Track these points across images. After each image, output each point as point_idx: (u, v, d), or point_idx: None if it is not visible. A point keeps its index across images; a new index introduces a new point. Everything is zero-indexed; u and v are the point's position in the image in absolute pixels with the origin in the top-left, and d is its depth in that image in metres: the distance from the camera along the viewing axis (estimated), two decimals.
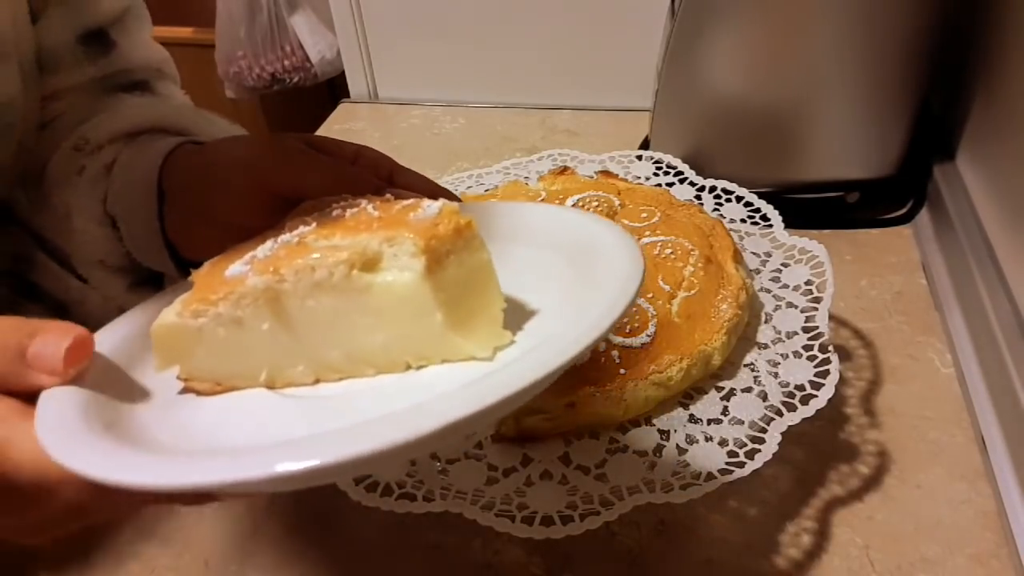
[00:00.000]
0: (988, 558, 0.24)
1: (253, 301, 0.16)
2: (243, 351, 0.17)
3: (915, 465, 0.27)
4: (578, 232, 0.20)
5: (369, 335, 0.17)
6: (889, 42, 0.34)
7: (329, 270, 0.16)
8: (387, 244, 0.16)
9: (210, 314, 0.16)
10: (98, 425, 0.15)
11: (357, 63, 0.56)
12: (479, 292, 0.17)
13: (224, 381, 0.17)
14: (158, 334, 0.17)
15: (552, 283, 0.19)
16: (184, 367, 0.17)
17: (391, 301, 0.16)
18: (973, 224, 0.34)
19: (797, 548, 0.24)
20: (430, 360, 0.17)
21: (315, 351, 0.17)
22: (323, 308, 0.16)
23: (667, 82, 0.39)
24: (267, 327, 0.16)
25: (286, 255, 0.17)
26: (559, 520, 0.22)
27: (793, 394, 0.24)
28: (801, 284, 0.29)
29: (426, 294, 0.16)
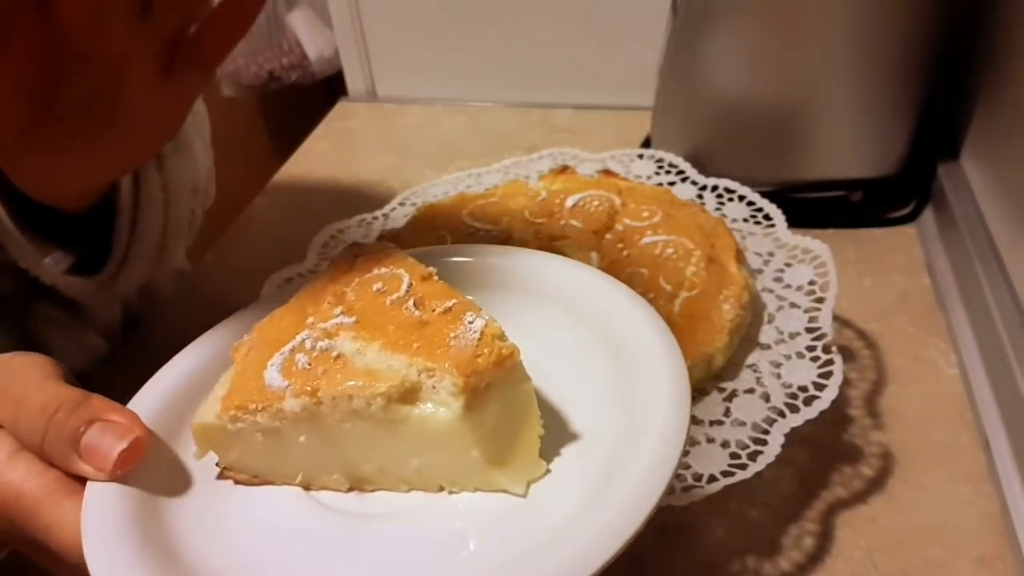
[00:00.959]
0: (993, 560, 0.23)
1: (292, 419, 0.17)
2: (280, 456, 0.17)
3: (919, 467, 0.26)
4: (623, 323, 0.19)
5: (403, 458, 0.17)
6: (892, 40, 0.34)
7: (367, 401, 0.16)
8: (427, 375, 0.16)
9: (248, 421, 0.17)
10: (139, 540, 0.15)
11: (355, 61, 0.56)
12: (517, 421, 0.17)
13: (261, 476, 0.18)
14: (197, 431, 0.18)
15: (594, 389, 0.18)
16: (223, 458, 0.18)
17: (427, 434, 0.16)
18: (977, 223, 0.33)
19: (800, 551, 0.24)
20: (463, 487, 0.17)
21: (350, 464, 0.17)
22: (359, 430, 0.17)
23: (669, 80, 0.39)
24: (304, 440, 0.17)
25: (324, 374, 0.17)
26: None
27: (796, 395, 0.24)
28: (804, 284, 0.28)
29: (464, 433, 0.16)
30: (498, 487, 0.17)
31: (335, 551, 0.16)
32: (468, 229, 0.32)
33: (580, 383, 0.19)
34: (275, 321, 0.19)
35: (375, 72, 0.56)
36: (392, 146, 0.51)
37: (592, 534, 0.14)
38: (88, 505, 0.16)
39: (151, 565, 0.15)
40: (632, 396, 0.17)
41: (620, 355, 0.19)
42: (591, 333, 0.20)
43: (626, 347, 0.19)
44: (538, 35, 0.51)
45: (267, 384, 0.17)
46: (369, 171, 0.48)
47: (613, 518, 0.14)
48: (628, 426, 0.17)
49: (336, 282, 0.19)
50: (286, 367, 0.17)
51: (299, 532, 0.17)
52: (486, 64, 0.53)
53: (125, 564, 0.15)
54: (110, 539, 0.15)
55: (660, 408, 0.17)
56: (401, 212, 0.36)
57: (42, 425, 0.16)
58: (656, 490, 0.15)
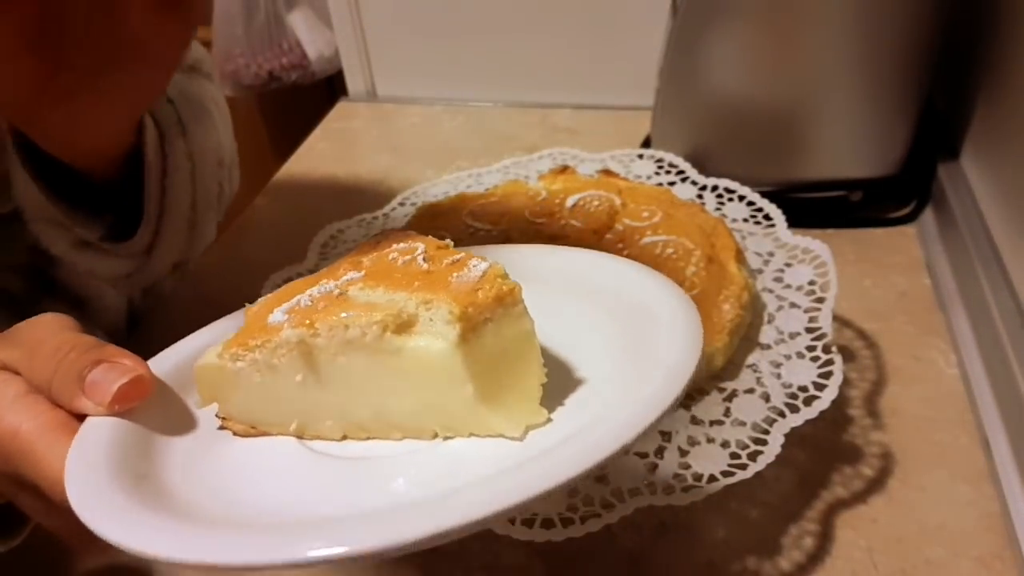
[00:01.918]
0: (992, 560, 0.23)
1: (288, 352, 0.16)
2: (276, 399, 0.17)
3: (919, 467, 0.26)
4: (632, 290, 0.19)
5: (398, 398, 0.17)
6: (892, 39, 0.34)
7: (362, 330, 0.16)
8: (424, 307, 0.16)
9: (247, 359, 0.17)
10: (128, 478, 0.15)
11: (355, 61, 0.56)
12: (517, 364, 0.16)
13: (258, 425, 0.18)
14: (200, 373, 0.18)
15: (601, 348, 0.18)
16: (223, 406, 0.18)
17: (421, 367, 0.16)
18: (977, 223, 0.33)
19: (800, 550, 0.24)
20: (457, 432, 0.17)
21: (344, 407, 0.17)
22: (354, 366, 0.16)
23: (669, 80, 0.39)
24: (300, 379, 0.17)
25: (325, 308, 0.17)
26: (560, 522, 0.21)
27: (796, 395, 0.24)
28: (804, 284, 0.28)
29: (457, 364, 0.15)
30: (493, 431, 0.16)
31: (317, 488, 0.16)
32: (468, 229, 0.32)
33: (589, 344, 0.18)
34: (291, 286, 0.19)
35: (375, 72, 0.56)
36: (392, 146, 0.51)
37: (573, 449, 0.14)
38: (80, 435, 0.16)
39: (129, 491, 0.15)
40: (642, 353, 0.17)
41: (635, 318, 0.18)
42: (602, 305, 0.19)
43: (645, 319, 0.18)
44: (538, 35, 0.51)
45: (269, 323, 0.17)
46: (369, 171, 0.48)
47: (600, 438, 0.14)
48: (635, 376, 0.16)
49: (355, 256, 0.19)
50: (291, 309, 0.17)
51: (285, 471, 0.17)
52: (486, 64, 0.53)
53: (101, 489, 0.15)
54: (93, 466, 0.15)
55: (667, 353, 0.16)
56: (401, 212, 0.36)
57: (52, 365, 0.16)
58: (656, 409, 0.14)
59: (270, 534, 0.14)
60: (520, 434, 0.16)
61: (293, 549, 0.13)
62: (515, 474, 0.14)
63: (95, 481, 0.15)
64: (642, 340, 0.17)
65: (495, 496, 0.13)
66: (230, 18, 0.76)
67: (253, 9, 0.76)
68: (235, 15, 0.76)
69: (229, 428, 0.18)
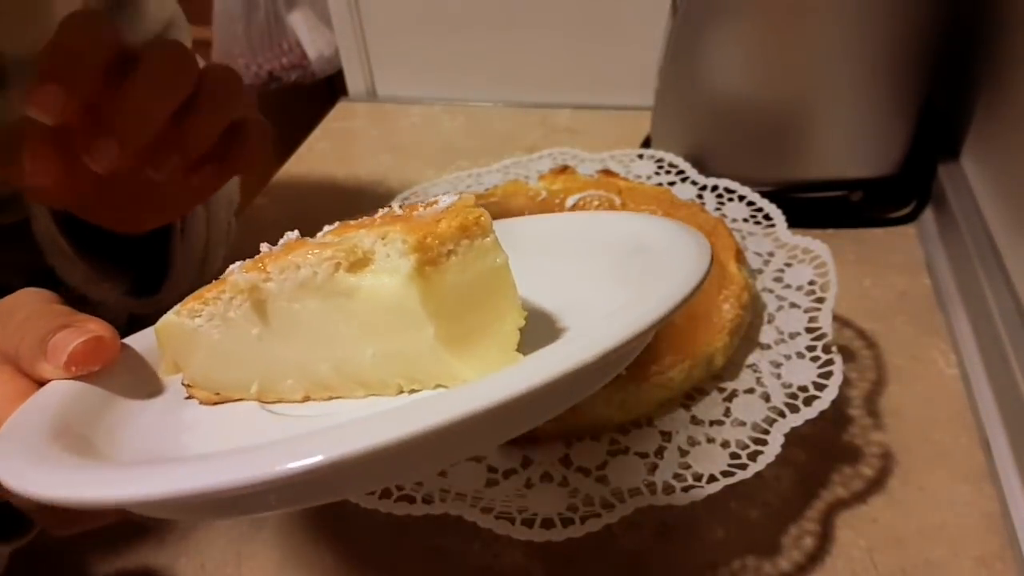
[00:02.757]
0: (992, 560, 0.23)
1: (242, 302, 0.15)
2: (236, 358, 0.16)
3: (919, 467, 0.26)
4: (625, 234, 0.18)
5: (357, 348, 0.15)
6: (892, 39, 0.34)
7: (313, 269, 0.14)
8: (380, 242, 0.14)
9: (204, 314, 0.16)
10: (69, 439, 0.14)
11: (355, 61, 0.55)
12: (488, 304, 0.14)
13: (222, 390, 0.17)
14: (160, 332, 0.16)
15: (593, 292, 0.16)
16: (187, 371, 0.17)
17: (377, 308, 0.14)
18: (977, 223, 0.33)
19: (799, 551, 0.24)
20: (423, 383, 0.15)
21: (303, 363, 0.16)
22: (309, 312, 0.15)
23: (668, 80, 0.39)
24: (256, 332, 0.15)
25: (282, 252, 0.15)
26: (560, 522, 0.21)
27: (796, 395, 0.24)
28: (804, 284, 0.28)
29: (413, 302, 0.13)
30: (461, 380, 0.14)
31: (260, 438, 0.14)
32: None
33: (585, 298, 0.16)
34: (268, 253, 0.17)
35: (375, 72, 0.56)
36: (392, 146, 0.51)
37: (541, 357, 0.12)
38: (32, 398, 0.15)
39: (60, 449, 0.13)
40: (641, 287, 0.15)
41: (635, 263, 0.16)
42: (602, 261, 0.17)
43: (645, 255, 0.16)
44: (538, 35, 0.51)
45: (225, 277, 0.16)
46: (369, 171, 0.48)
47: (570, 348, 0.12)
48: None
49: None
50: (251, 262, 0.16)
51: (234, 432, 0.15)
52: (486, 64, 0.53)
53: (27, 444, 0.13)
54: (29, 425, 0.14)
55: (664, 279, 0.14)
56: None
57: (21, 334, 0.16)
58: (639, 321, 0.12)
59: (188, 464, 0.12)
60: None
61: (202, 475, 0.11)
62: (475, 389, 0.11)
63: (24, 438, 0.13)
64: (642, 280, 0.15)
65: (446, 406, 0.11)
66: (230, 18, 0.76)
67: (253, 9, 0.76)
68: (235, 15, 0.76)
69: (195, 396, 0.17)
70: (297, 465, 0.11)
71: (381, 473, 0.13)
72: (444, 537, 0.25)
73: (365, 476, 0.13)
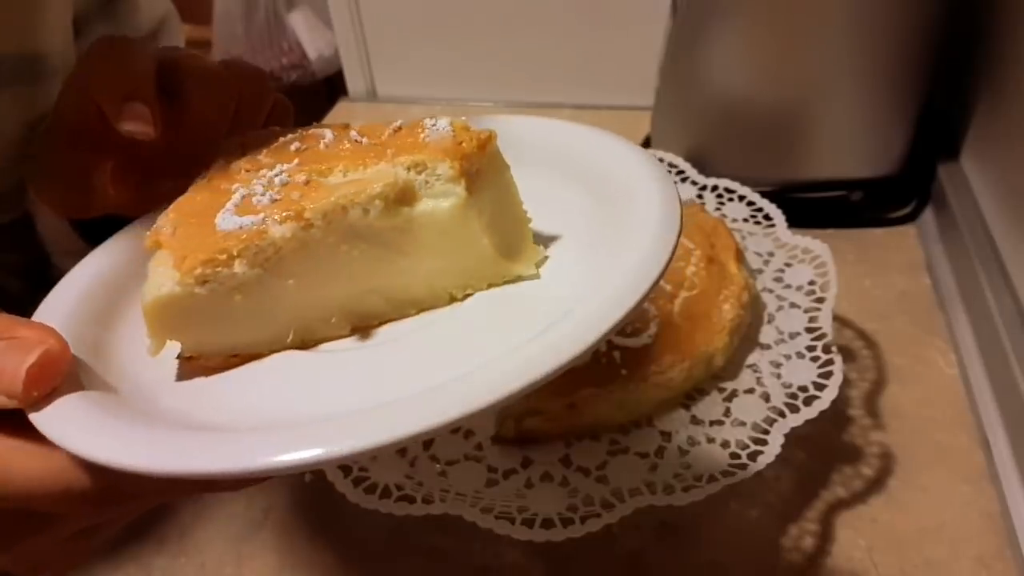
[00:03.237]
0: (992, 560, 0.23)
1: (275, 254, 0.14)
2: (265, 314, 0.14)
3: (919, 467, 0.26)
4: (608, 161, 0.18)
5: (409, 274, 0.15)
6: (892, 39, 0.34)
7: (363, 208, 0.14)
8: (415, 171, 0.14)
9: (222, 277, 0.14)
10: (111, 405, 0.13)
11: (355, 61, 0.55)
12: (508, 209, 0.16)
13: (242, 351, 0.15)
14: (154, 310, 0.14)
15: (578, 225, 0.17)
16: (188, 343, 0.14)
17: (434, 232, 0.15)
18: (977, 223, 0.33)
19: (799, 551, 0.24)
20: (477, 287, 0.16)
21: (350, 300, 0.15)
22: (358, 253, 0.15)
23: (668, 80, 0.39)
24: (293, 283, 0.14)
25: (302, 197, 0.14)
26: (560, 522, 0.21)
27: (796, 395, 0.24)
28: (804, 284, 0.28)
29: (472, 219, 0.15)
30: (511, 275, 0.15)
31: (319, 388, 0.14)
32: None
33: (568, 221, 0.17)
34: (190, 201, 0.15)
35: (375, 72, 0.56)
36: None
37: (598, 303, 0.13)
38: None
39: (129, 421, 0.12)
40: (615, 208, 0.16)
41: (610, 201, 0.17)
42: (585, 185, 0.18)
43: (621, 190, 0.17)
44: (538, 36, 0.51)
45: (232, 230, 0.14)
46: None
47: (617, 291, 0.13)
48: (615, 224, 0.15)
49: (237, 161, 0.16)
50: (246, 209, 0.14)
51: (295, 380, 0.14)
52: (486, 64, 0.53)
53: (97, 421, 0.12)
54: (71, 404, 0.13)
55: (649, 209, 0.15)
56: None
57: None
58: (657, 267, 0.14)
59: (291, 433, 0.11)
60: (536, 272, 0.16)
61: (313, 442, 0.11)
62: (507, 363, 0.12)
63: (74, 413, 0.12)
64: (618, 212, 0.16)
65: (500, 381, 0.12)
66: (230, 18, 0.76)
67: (253, 9, 0.76)
68: (235, 15, 0.76)
69: (199, 369, 0.15)
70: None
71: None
72: (444, 537, 0.25)
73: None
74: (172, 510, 0.27)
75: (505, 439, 0.25)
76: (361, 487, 0.23)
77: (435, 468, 0.24)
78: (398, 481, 0.23)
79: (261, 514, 0.27)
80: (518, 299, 0.15)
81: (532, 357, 0.12)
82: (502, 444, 0.25)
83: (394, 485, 0.23)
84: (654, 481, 0.22)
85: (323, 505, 0.27)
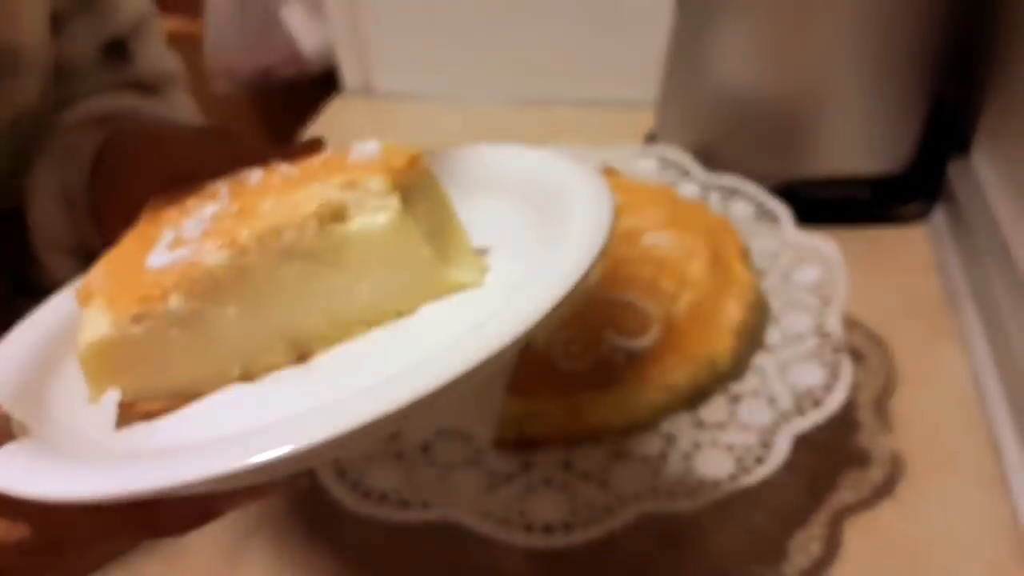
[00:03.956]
0: (1003, 566, 0.23)
1: (213, 286, 0.14)
2: (206, 349, 0.14)
3: (928, 471, 0.26)
4: (536, 174, 0.18)
5: (351, 293, 0.15)
6: (902, 33, 0.33)
7: (297, 230, 0.14)
8: (348, 190, 0.15)
9: (158, 314, 0.14)
10: (46, 450, 0.13)
11: (351, 56, 0.55)
12: (445, 222, 0.16)
13: (185, 391, 0.15)
14: (91, 356, 0.14)
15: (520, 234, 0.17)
16: (128, 388, 0.14)
17: (371, 249, 0.15)
18: (989, 221, 0.33)
19: (806, 557, 0.24)
20: (423, 300, 0.16)
21: (292, 325, 0.15)
22: (296, 275, 0.15)
23: (672, 75, 0.38)
24: (232, 311, 0.14)
25: (233, 226, 0.14)
26: (561, 528, 0.21)
27: (803, 398, 0.24)
28: (811, 284, 0.28)
29: (409, 230, 0.15)
30: (455, 284, 0.16)
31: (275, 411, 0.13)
32: None
33: (503, 230, 0.17)
34: (118, 252, 0.16)
35: (371, 67, 0.55)
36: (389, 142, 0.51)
37: (538, 289, 0.13)
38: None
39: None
40: (552, 218, 0.16)
41: (544, 207, 0.17)
42: (515, 197, 0.18)
43: (553, 196, 0.17)
44: (539, 29, 0.50)
45: (153, 269, 0.14)
46: None
47: (553, 279, 0.13)
48: (551, 230, 0.16)
49: (165, 209, 0.16)
50: (177, 245, 0.14)
51: (235, 405, 0.14)
52: (485, 59, 0.52)
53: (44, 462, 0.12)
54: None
55: (581, 214, 0.15)
56: None
57: None
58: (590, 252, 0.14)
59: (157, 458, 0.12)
60: (481, 278, 0.16)
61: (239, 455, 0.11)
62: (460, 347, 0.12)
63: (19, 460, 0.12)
64: (554, 214, 0.16)
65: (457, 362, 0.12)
66: (223, 12, 0.75)
67: (246, 3, 0.75)
68: (228, 9, 0.75)
69: (139, 414, 0.14)
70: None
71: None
72: (442, 543, 0.25)
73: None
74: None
75: (505, 443, 0.24)
76: (358, 492, 0.22)
77: (433, 473, 0.23)
78: (395, 486, 0.22)
79: (255, 520, 0.26)
80: (463, 308, 0.15)
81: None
82: (502, 448, 0.24)
83: (392, 490, 0.22)
84: (657, 486, 0.22)
85: (318, 511, 0.26)
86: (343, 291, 0.15)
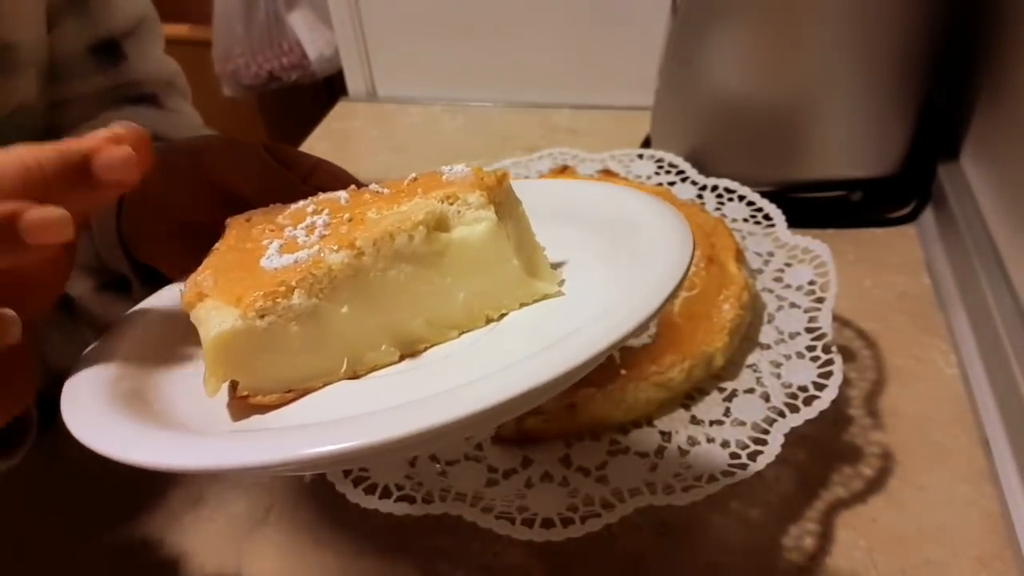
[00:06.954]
0: (992, 560, 0.23)
1: (330, 284, 0.15)
2: (319, 344, 0.15)
3: (919, 467, 0.26)
4: (618, 210, 0.20)
5: (449, 296, 0.17)
6: (892, 39, 0.34)
7: (408, 235, 0.16)
8: (448, 202, 0.17)
9: (280, 308, 0.15)
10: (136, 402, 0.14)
11: (355, 61, 0.55)
12: (526, 237, 0.18)
13: (297, 385, 0.16)
14: (217, 347, 0.15)
15: (591, 258, 0.19)
16: (247, 380, 0.15)
17: (470, 255, 0.17)
18: (977, 223, 0.33)
19: (800, 551, 0.24)
20: (510, 306, 0.17)
21: (397, 324, 0.16)
22: (404, 277, 0.16)
23: (668, 80, 0.39)
24: (346, 310, 0.16)
25: (349, 231, 0.16)
26: (559, 522, 0.21)
27: (796, 395, 0.24)
28: (804, 284, 0.28)
29: (502, 240, 0.17)
30: (539, 294, 0.18)
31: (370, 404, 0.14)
32: None
33: (580, 260, 0.19)
34: (220, 259, 0.16)
35: (375, 72, 0.56)
36: (392, 146, 0.51)
37: (617, 317, 0.14)
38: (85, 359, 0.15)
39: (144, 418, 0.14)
40: (640, 261, 0.17)
41: (624, 242, 0.18)
42: (597, 233, 0.19)
43: (633, 231, 0.18)
44: (538, 35, 0.51)
45: (270, 268, 0.15)
46: (369, 171, 0.48)
47: (636, 305, 0.15)
48: (628, 254, 0.17)
49: (254, 229, 0.17)
50: (291, 249, 0.15)
51: (342, 401, 0.15)
52: (486, 64, 0.53)
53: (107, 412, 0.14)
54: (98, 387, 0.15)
55: (657, 242, 0.17)
56: None
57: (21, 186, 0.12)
58: (671, 282, 0.15)
59: (241, 438, 0.13)
60: (561, 289, 0.18)
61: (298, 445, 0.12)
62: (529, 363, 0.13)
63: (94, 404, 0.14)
64: (632, 249, 0.18)
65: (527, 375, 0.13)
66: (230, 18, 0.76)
67: (253, 9, 0.76)
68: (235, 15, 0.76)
69: (257, 405, 0.15)
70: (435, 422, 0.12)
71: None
72: (444, 537, 0.25)
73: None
74: (172, 512, 0.27)
75: (505, 439, 0.25)
76: (361, 487, 0.23)
77: (435, 468, 0.24)
78: (398, 481, 0.23)
79: (262, 514, 0.27)
80: (549, 315, 0.17)
81: (532, 366, 0.13)
82: (502, 444, 0.25)
83: (394, 485, 0.23)
84: (654, 481, 0.22)
85: (324, 505, 0.27)
86: (443, 295, 0.17)
